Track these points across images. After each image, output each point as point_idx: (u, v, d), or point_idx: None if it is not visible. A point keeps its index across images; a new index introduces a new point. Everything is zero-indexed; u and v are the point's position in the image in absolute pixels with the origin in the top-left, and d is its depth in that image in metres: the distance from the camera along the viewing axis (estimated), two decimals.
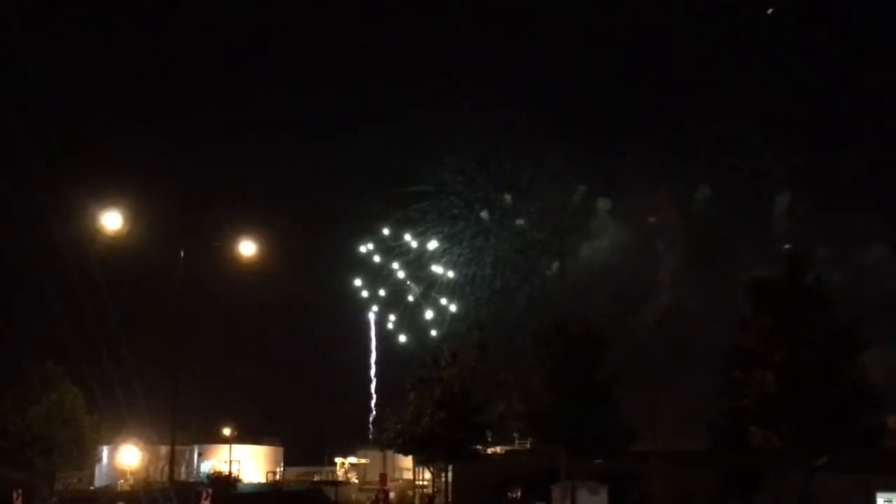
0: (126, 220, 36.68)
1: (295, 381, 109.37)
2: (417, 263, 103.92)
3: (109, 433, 74.74)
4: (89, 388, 59.09)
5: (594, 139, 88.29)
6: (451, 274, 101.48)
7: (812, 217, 74.56)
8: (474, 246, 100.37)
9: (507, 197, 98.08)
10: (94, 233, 36.37)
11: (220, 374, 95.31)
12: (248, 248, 39.73)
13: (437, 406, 59.16)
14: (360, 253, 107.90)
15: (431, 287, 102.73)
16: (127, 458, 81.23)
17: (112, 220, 35.56)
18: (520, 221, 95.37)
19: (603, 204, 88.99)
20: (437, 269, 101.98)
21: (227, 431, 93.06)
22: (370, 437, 70.55)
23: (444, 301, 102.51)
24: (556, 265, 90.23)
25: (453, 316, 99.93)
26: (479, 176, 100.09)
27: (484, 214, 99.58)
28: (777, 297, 44.01)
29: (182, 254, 37.82)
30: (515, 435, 66.95)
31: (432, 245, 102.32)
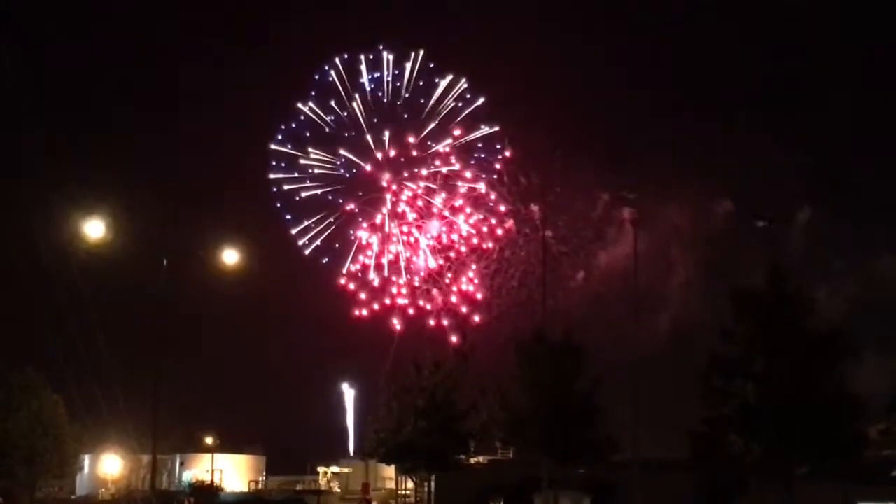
0: (109, 227, 36.58)
1: (278, 390, 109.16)
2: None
3: (91, 442, 74.36)
4: (70, 396, 58.88)
5: (620, 152, 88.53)
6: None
7: (828, 229, 75.22)
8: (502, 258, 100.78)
9: (535, 208, 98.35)
10: (76, 240, 36.30)
11: (202, 384, 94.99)
12: (230, 256, 39.71)
13: (419, 415, 59.12)
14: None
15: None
16: (108, 467, 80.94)
17: (94, 228, 35.47)
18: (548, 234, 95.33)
19: (624, 213, 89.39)
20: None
21: (209, 440, 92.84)
22: (352, 446, 70.46)
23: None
24: (580, 275, 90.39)
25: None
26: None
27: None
28: (758, 306, 44.18)
29: (164, 262, 37.75)
30: (498, 444, 66.92)
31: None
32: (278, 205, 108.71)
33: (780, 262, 46.68)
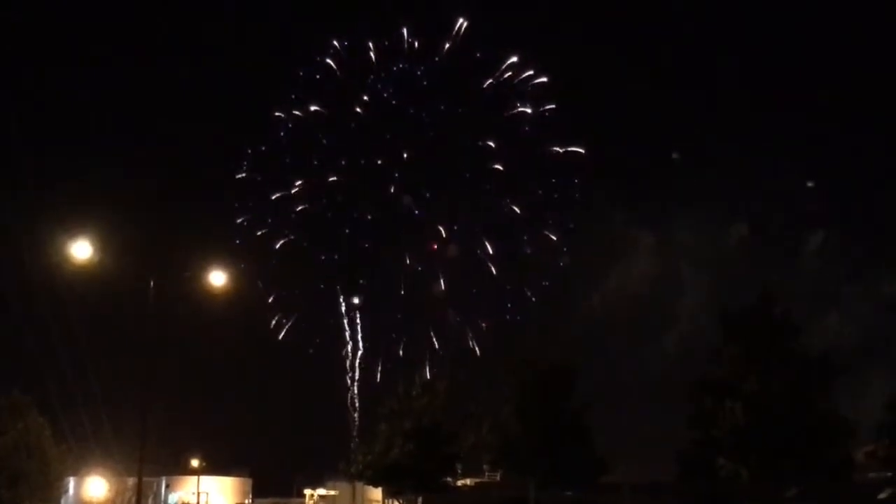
0: (96, 249, 36.38)
1: (264, 412, 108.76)
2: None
3: (76, 464, 73.85)
4: (56, 418, 58.58)
5: (639, 177, 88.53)
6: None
7: (842, 253, 75.52)
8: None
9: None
10: (63, 262, 36.11)
11: (188, 405, 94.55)
12: (218, 278, 39.49)
13: (406, 437, 58.92)
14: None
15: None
16: (94, 489, 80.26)
17: (81, 250, 35.27)
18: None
19: (640, 236, 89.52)
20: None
21: (195, 463, 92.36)
22: (340, 467, 70.06)
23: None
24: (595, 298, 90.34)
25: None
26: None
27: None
28: (747, 328, 44.31)
29: (151, 284, 37.51)
30: (486, 467, 66.74)
31: None
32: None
33: (779, 285, 47.05)
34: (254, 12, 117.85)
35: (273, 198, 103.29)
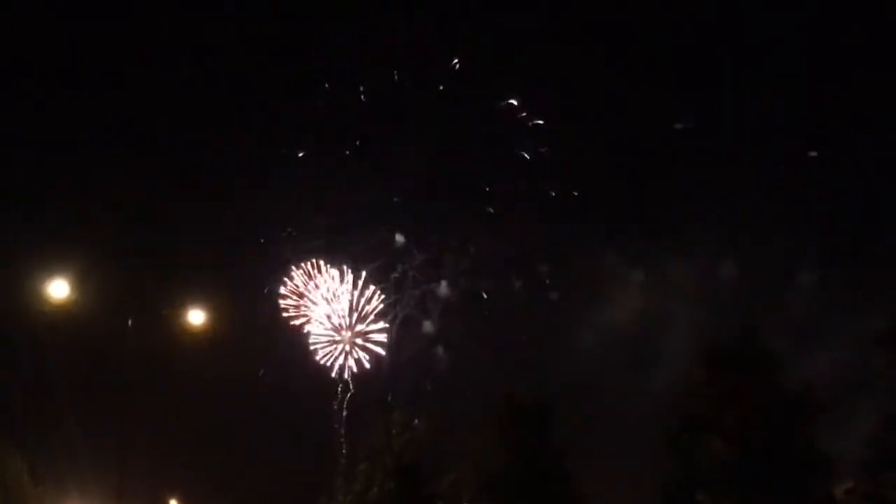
0: (73, 288, 36.38)
1: (246, 450, 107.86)
2: None
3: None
4: (32, 457, 58.21)
5: (625, 211, 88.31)
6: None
7: (830, 288, 75.61)
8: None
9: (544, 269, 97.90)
10: (40, 301, 36.07)
11: (167, 443, 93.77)
12: (197, 316, 39.52)
13: (386, 475, 58.66)
14: None
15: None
16: None
17: (58, 289, 35.26)
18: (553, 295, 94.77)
19: (630, 274, 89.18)
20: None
21: (172, 503, 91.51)
22: None
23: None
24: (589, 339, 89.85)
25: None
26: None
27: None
28: (727, 363, 44.37)
29: (130, 323, 37.51)
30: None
31: None
32: None
33: (767, 320, 47.13)
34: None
35: None
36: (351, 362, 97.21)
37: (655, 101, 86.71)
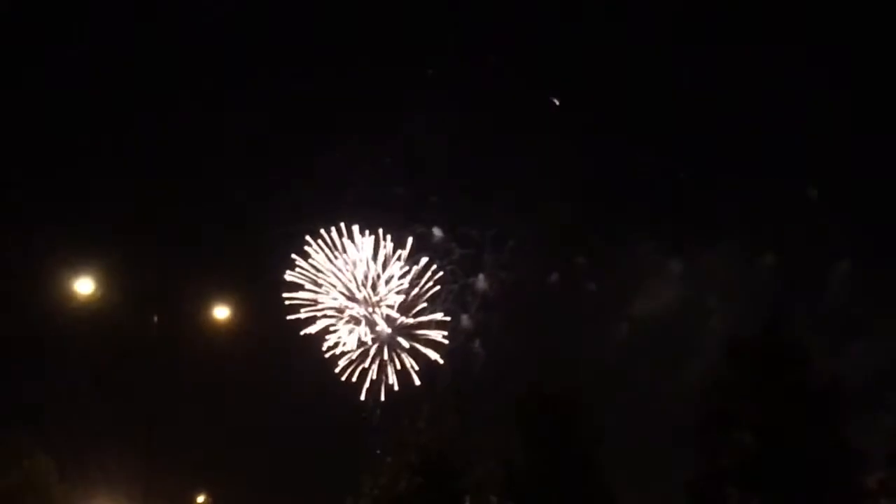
0: (99, 284, 36.45)
1: (273, 446, 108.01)
2: None
3: (81, 501, 73.37)
4: (60, 454, 58.45)
5: (663, 202, 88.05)
6: None
7: (867, 281, 75.00)
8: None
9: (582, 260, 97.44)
10: (66, 298, 36.15)
11: (197, 442, 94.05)
12: (222, 312, 39.52)
13: (414, 471, 58.41)
14: None
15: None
16: None
17: (83, 286, 35.32)
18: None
19: (668, 265, 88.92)
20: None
21: (200, 500, 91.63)
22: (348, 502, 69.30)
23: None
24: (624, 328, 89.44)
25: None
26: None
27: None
28: (754, 356, 44.05)
29: (155, 319, 37.51)
30: (493, 499, 66.15)
31: None
32: None
33: (787, 312, 46.76)
34: None
35: None
36: (391, 375, 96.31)
37: (695, 90, 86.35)
